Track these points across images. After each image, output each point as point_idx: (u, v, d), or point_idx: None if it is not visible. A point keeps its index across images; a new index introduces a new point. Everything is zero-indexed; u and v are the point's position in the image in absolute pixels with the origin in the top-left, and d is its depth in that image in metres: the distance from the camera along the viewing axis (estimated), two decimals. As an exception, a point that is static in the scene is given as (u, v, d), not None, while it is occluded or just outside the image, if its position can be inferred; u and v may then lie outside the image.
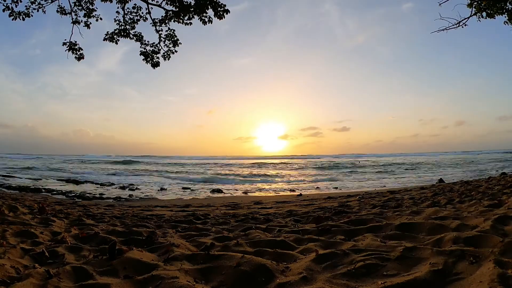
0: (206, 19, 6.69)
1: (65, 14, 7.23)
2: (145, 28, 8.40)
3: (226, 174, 24.19)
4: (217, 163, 42.44)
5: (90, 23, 7.39)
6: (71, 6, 7.22)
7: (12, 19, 6.64)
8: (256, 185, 16.94)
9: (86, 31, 7.41)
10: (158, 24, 7.47)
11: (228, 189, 13.79)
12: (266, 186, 15.97)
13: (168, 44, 7.73)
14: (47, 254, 2.21)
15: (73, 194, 11.18)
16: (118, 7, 7.35)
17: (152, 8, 7.38)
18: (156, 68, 7.86)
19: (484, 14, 7.22)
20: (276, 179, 21.16)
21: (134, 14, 7.49)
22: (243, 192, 12.90)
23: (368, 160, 46.91)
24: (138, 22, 7.57)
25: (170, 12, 7.05)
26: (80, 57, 7.61)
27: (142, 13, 7.49)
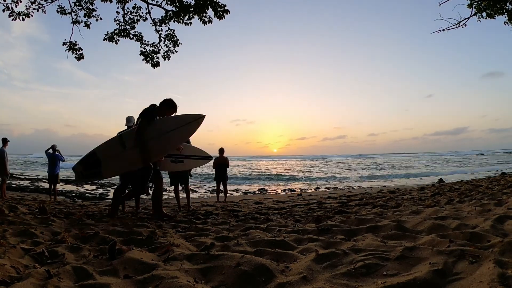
0: (206, 19, 6.69)
1: (65, 14, 7.23)
2: (145, 28, 8.35)
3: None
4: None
5: (90, 23, 7.40)
6: (71, 6, 7.23)
7: (12, 20, 6.65)
8: (256, 185, 16.94)
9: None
10: (158, 24, 7.48)
11: (228, 189, 13.77)
12: (266, 186, 15.96)
13: (168, 44, 7.74)
14: (47, 254, 2.21)
15: (73, 194, 11.18)
16: (118, 7, 7.36)
17: (152, 8, 7.40)
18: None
19: (484, 14, 7.23)
20: (276, 179, 21.15)
21: (134, 14, 7.51)
22: (243, 192, 12.90)
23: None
24: (138, 22, 7.58)
25: (170, 12, 7.06)
26: (80, 57, 7.62)
27: (142, 13, 7.50)
